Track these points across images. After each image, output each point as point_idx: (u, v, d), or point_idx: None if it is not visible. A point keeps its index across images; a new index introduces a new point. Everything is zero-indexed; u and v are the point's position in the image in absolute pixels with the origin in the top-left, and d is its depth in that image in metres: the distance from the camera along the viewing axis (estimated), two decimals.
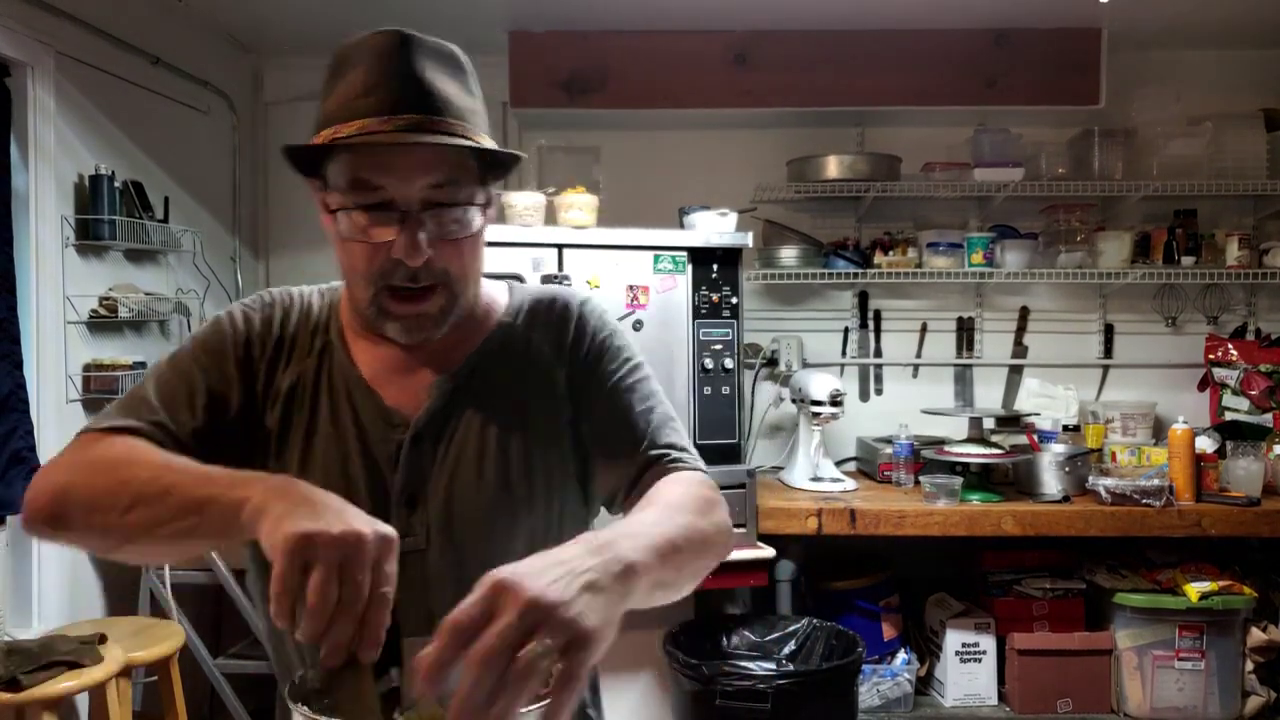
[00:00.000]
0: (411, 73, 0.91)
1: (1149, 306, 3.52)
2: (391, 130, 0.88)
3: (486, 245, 1.01)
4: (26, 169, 2.46)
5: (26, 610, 2.48)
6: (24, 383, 2.42)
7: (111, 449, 0.89)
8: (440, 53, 0.94)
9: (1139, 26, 3.21)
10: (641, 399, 1.02)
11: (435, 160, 0.90)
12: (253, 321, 1.02)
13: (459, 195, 0.92)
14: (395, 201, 0.90)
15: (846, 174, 3.27)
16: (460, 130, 0.91)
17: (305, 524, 0.72)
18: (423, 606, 0.93)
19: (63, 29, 2.55)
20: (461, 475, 0.97)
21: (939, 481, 2.95)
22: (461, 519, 0.96)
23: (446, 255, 0.93)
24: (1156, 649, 2.94)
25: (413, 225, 0.90)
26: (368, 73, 0.91)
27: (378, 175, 0.90)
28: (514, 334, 1.04)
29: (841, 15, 3.12)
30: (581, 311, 1.06)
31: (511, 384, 1.01)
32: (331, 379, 1.01)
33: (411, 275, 0.92)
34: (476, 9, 3.06)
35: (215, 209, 3.36)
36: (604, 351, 1.04)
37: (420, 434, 0.98)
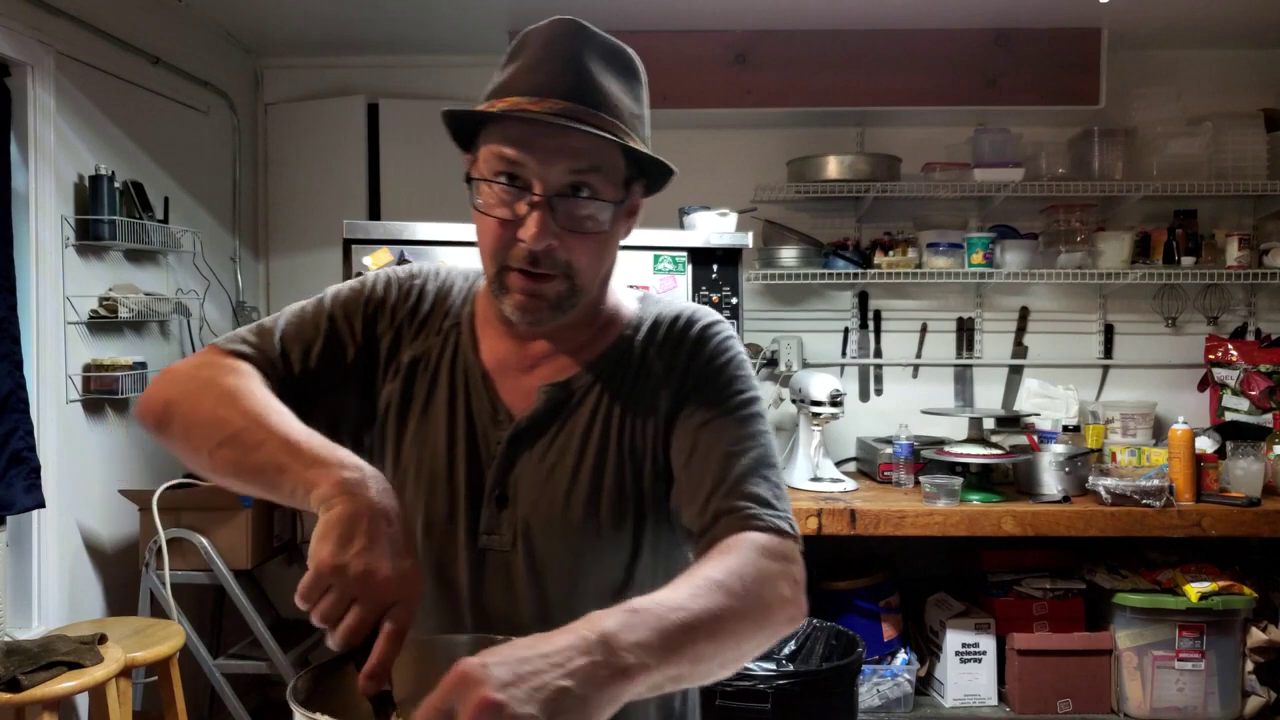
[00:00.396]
0: (574, 60, 0.90)
1: (1149, 307, 3.52)
2: (540, 111, 0.88)
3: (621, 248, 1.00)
4: (26, 169, 2.46)
5: (26, 610, 2.49)
6: (24, 383, 2.42)
7: (225, 378, 0.91)
8: (610, 50, 0.93)
9: (1139, 26, 3.21)
10: (736, 438, 0.94)
11: (578, 148, 0.89)
12: (390, 290, 1.04)
13: (596, 189, 0.91)
14: (531, 182, 0.90)
15: (846, 174, 3.27)
16: (610, 126, 0.90)
17: (337, 552, 0.75)
18: (504, 605, 0.95)
19: (63, 29, 2.55)
20: (552, 483, 0.96)
21: (939, 482, 2.95)
22: (545, 526, 0.95)
23: (572, 247, 0.91)
24: (1156, 649, 2.94)
25: (542, 208, 0.89)
26: (534, 54, 0.92)
27: (520, 152, 0.89)
28: (632, 347, 1.01)
29: (842, 15, 3.12)
30: (702, 333, 1.01)
31: (619, 399, 0.98)
32: (454, 363, 1.01)
33: (532, 259, 0.90)
34: (476, 9, 3.06)
35: (215, 209, 3.36)
36: (712, 378, 0.98)
37: (520, 435, 0.97)
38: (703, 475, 0.92)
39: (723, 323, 1.03)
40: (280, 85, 3.62)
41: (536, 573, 0.95)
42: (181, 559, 2.75)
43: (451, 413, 0.99)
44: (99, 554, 2.74)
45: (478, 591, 0.96)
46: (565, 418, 0.98)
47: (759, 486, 0.91)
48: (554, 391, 0.98)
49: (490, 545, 0.96)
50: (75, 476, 2.63)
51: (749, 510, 0.89)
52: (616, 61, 0.93)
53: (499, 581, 0.96)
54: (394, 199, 3.51)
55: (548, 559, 0.95)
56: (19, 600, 2.48)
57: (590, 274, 0.95)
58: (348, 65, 3.56)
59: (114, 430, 2.81)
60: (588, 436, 0.97)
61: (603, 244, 0.95)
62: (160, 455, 3.02)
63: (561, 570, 0.95)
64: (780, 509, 0.91)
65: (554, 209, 0.90)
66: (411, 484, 0.99)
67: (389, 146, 3.52)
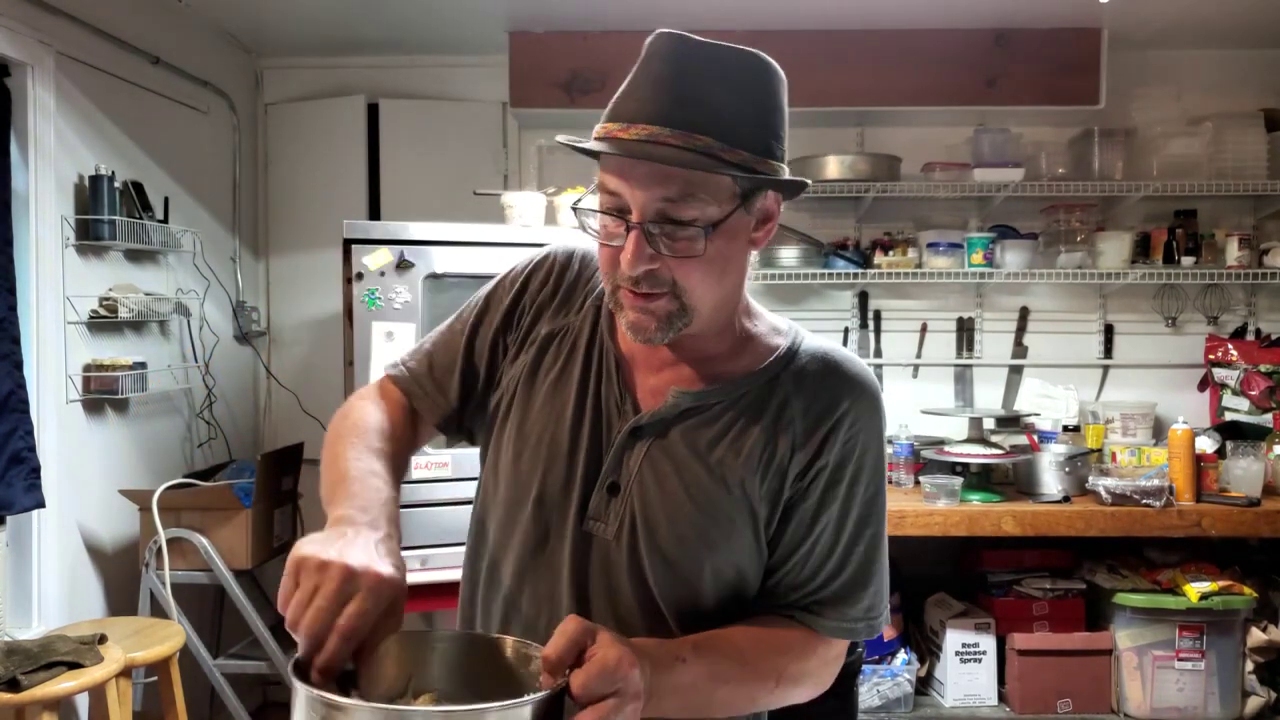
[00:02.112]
0: (664, 80, 0.88)
1: (1149, 307, 3.52)
2: (627, 139, 0.87)
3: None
4: (27, 169, 2.46)
5: (26, 610, 2.49)
6: (24, 383, 2.42)
7: (355, 418, 1.05)
8: (715, 58, 0.90)
9: (1139, 26, 3.21)
10: (845, 546, 0.97)
11: (668, 174, 0.87)
12: (538, 271, 1.09)
13: (689, 213, 0.88)
14: (629, 208, 0.90)
15: (846, 174, 3.27)
16: (705, 146, 0.86)
17: (308, 548, 0.81)
18: (602, 593, 0.97)
19: (63, 29, 2.55)
20: (662, 490, 0.96)
21: (939, 481, 2.95)
22: (648, 527, 0.96)
23: (676, 268, 0.90)
24: (1156, 649, 2.95)
25: (636, 235, 0.89)
26: (633, 77, 0.91)
27: (615, 181, 0.90)
28: (776, 385, 0.98)
29: (841, 15, 3.12)
30: (855, 406, 0.98)
31: (748, 435, 0.96)
32: (591, 342, 1.03)
33: (634, 280, 0.91)
34: (477, 10, 3.06)
35: (215, 209, 3.36)
36: (847, 472, 0.97)
37: (640, 430, 0.98)
38: (806, 570, 0.97)
39: (877, 397, 1.00)
40: (280, 85, 3.63)
41: (636, 569, 0.96)
42: (181, 559, 2.75)
43: (583, 390, 1.01)
44: (99, 554, 2.74)
45: (578, 574, 0.98)
46: (689, 429, 0.97)
47: (853, 603, 0.98)
48: (684, 399, 0.97)
49: (595, 531, 0.98)
50: (75, 476, 2.63)
51: (832, 626, 0.98)
52: (721, 71, 0.89)
53: (599, 569, 0.97)
54: (394, 199, 3.51)
55: (647, 559, 0.96)
56: (19, 600, 2.48)
57: (701, 293, 0.92)
58: (348, 65, 3.56)
59: (114, 430, 2.82)
60: (705, 455, 0.96)
61: (712, 264, 0.91)
62: (160, 455, 3.02)
63: (654, 572, 0.96)
64: (856, 627, 0.98)
65: (651, 234, 0.89)
66: (530, 452, 1.01)
67: (389, 146, 3.52)
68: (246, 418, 3.57)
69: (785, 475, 0.96)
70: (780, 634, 0.96)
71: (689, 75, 0.88)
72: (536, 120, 3.39)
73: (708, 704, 0.90)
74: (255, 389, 3.63)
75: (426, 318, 2.69)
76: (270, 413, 3.63)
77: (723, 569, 0.97)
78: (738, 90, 0.89)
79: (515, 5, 3.06)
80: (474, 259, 2.67)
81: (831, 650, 0.99)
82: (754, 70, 0.91)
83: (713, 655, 0.91)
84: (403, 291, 2.68)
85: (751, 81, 0.91)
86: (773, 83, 0.93)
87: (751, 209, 0.93)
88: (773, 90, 0.93)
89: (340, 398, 2.90)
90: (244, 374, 3.56)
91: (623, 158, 0.88)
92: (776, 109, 0.93)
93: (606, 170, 0.91)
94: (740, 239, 0.94)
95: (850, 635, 0.98)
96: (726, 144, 0.87)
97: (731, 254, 0.94)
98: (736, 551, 0.97)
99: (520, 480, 1.01)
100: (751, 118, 0.90)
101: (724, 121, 0.87)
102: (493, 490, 1.05)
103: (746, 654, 0.93)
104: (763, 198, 0.94)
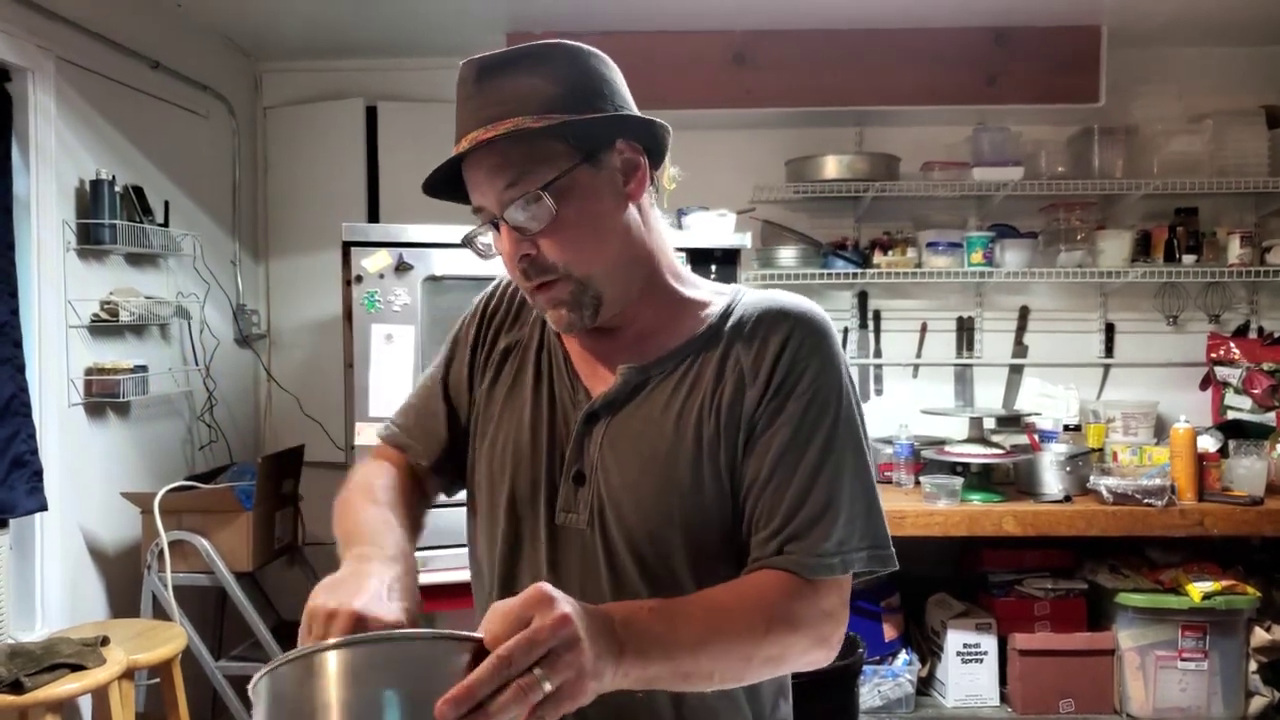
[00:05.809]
0: (470, 98, 0.94)
1: (1150, 305, 3.51)
2: (454, 155, 0.93)
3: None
4: (28, 173, 2.47)
5: (30, 612, 2.50)
6: (26, 386, 2.43)
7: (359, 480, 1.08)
8: (510, 59, 0.94)
9: (1139, 24, 3.20)
10: (805, 476, 0.93)
11: (498, 162, 0.92)
12: (492, 298, 1.14)
13: (532, 188, 0.92)
14: (493, 214, 0.95)
15: (845, 174, 3.27)
16: (514, 125, 0.90)
17: (318, 596, 0.83)
18: (581, 584, 0.97)
19: (63, 34, 2.56)
20: (625, 467, 0.97)
21: (939, 482, 2.95)
22: (616, 508, 0.96)
23: (548, 246, 0.94)
24: (1159, 649, 2.94)
25: (504, 229, 0.94)
26: (456, 110, 0.96)
27: (475, 196, 0.96)
28: (717, 340, 0.99)
29: (840, 14, 3.12)
30: (793, 334, 0.97)
31: (698, 390, 0.97)
32: (540, 347, 1.07)
33: (526, 273, 0.95)
34: (474, 12, 3.07)
35: (215, 213, 3.37)
36: (795, 391, 0.95)
37: (594, 414, 0.99)
38: (770, 511, 0.93)
39: (823, 323, 1.00)
40: (279, 88, 3.63)
41: (610, 553, 0.96)
42: (183, 561, 2.75)
43: (536, 393, 1.04)
44: (101, 556, 2.75)
45: (557, 569, 0.98)
46: (642, 402, 0.98)
47: (814, 539, 0.91)
48: (631, 374, 0.99)
49: (568, 524, 0.99)
50: (77, 479, 2.64)
51: (803, 561, 0.91)
52: (519, 64, 0.93)
53: (576, 559, 0.98)
54: (392, 201, 3.51)
55: (621, 540, 0.96)
56: (22, 602, 2.49)
57: (585, 259, 0.94)
58: (346, 68, 3.57)
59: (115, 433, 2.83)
60: (663, 423, 0.97)
61: (575, 228, 0.93)
62: (161, 458, 3.03)
63: (634, 552, 0.96)
64: (834, 556, 0.91)
65: (514, 223, 0.93)
66: (498, 460, 1.04)
67: (387, 149, 3.53)
68: (247, 420, 3.58)
69: (740, 415, 0.95)
70: (756, 578, 0.91)
71: (489, 81, 0.93)
72: None
73: (694, 659, 0.83)
74: (256, 392, 3.64)
75: (425, 320, 2.69)
76: (271, 415, 3.64)
77: (698, 534, 0.95)
78: (539, 72, 0.93)
79: (513, 7, 3.07)
80: (472, 261, 2.61)
81: (822, 596, 0.91)
82: (555, 52, 0.95)
83: (685, 606, 0.86)
84: (402, 294, 2.68)
85: (553, 61, 0.94)
86: (580, 55, 0.96)
87: (602, 164, 0.95)
88: (582, 61, 0.95)
89: (340, 400, 2.91)
90: (244, 377, 3.57)
91: (471, 175, 0.94)
92: (591, 75, 0.95)
93: (470, 193, 0.96)
94: (603, 195, 0.95)
95: (827, 571, 0.91)
96: (537, 114, 0.91)
97: (599, 212, 0.95)
98: (707, 514, 0.95)
99: (493, 488, 1.04)
100: (557, 89, 0.92)
101: (529, 99, 0.91)
102: (472, 504, 1.09)
103: (725, 602, 0.88)
104: (614, 151, 0.95)
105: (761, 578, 0.92)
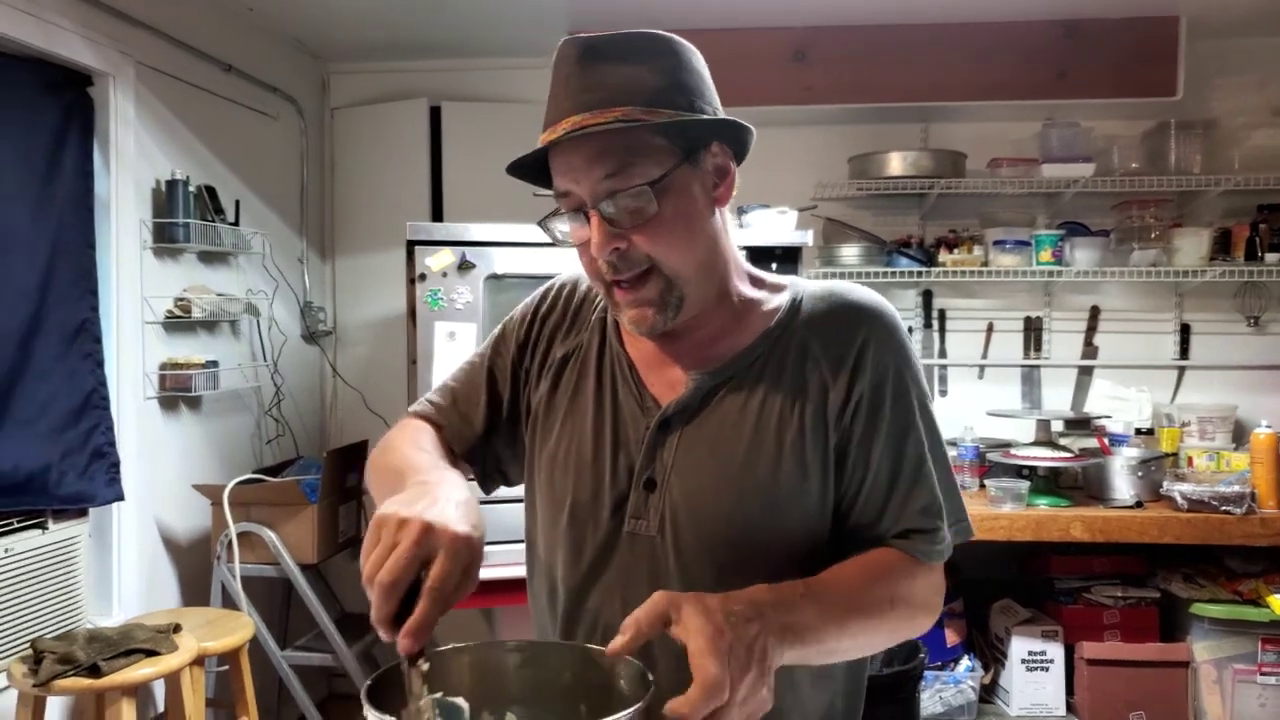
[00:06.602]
0: (573, 78, 0.92)
1: (1229, 305, 3.38)
2: (554, 140, 0.91)
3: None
4: (108, 175, 2.55)
5: (107, 598, 2.58)
6: (105, 381, 2.51)
7: (396, 439, 1.06)
8: (616, 44, 0.92)
9: (1220, 14, 3.08)
10: (910, 471, 0.96)
11: (600, 151, 0.90)
12: (545, 300, 1.12)
13: (633, 181, 0.90)
14: (583, 201, 0.92)
15: (910, 171, 3.21)
16: (624, 115, 0.89)
17: (389, 506, 0.81)
18: (648, 590, 0.94)
19: (142, 40, 2.64)
20: (699, 472, 0.96)
21: (1005, 485, 2.89)
22: (690, 514, 0.96)
23: (643, 240, 0.92)
24: (1237, 662, 2.83)
25: (595, 219, 0.91)
26: (550, 86, 0.95)
27: (564, 181, 0.93)
28: (788, 336, 0.99)
29: (904, 9, 3.07)
30: (873, 332, 0.97)
31: (777, 392, 0.96)
32: (601, 354, 1.05)
33: (614, 267, 0.93)
34: (535, 11, 3.09)
35: (283, 212, 3.45)
36: (886, 395, 0.96)
37: (668, 421, 0.98)
38: (881, 507, 0.96)
39: (890, 313, 1.00)
40: (346, 89, 3.70)
41: (682, 560, 0.95)
42: (251, 552, 2.83)
43: (599, 402, 1.02)
44: (174, 546, 2.84)
45: (626, 574, 0.98)
46: (715, 407, 0.97)
47: (918, 520, 0.96)
48: (703, 380, 0.98)
49: (638, 530, 0.98)
50: (152, 471, 2.72)
51: (922, 549, 0.96)
52: (625, 51, 0.92)
53: (645, 567, 0.97)
54: (456, 200, 3.56)
55: (694, 547, 0.95)
56: (100, 589, 2.58)
57: (677, 256, 0.93)
58: (411, 69, 3.62)
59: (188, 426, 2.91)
60: (738, 427, 0.96)
61: (670, 224, 0.92)
62: (230, 451, 3.11)
63: (707, 559, 0.95)
64: (939, 536, 0.97)
65: (607, 215, 0.91)
66: (560, 471, 1.02)
67: (451, 149, 3.57)
68: (313, 415, 3.66)
69: (826, 418, 0.96)
70: (881, 559, 0.95)
71: (594, 64, 0.91)
72: None
73: (837, 639, 0.88)
74: (321, 387, 3.72)
75: (487, 318, 2.72)
76: (336, 410, 3.72)
77: (785, 538, 0.95)
78: (643, 63, 0.92)
79: (574, 6, 3.08)
80: (533, 260, 2.69)
81: (937, 574, 0.98)
82: (656, 44, 0.94)
83: (827, 589, 0.89)
84: (464, 292, 2.71)
85: (655, 53, 0.93)
86: (678, 49, 0.95)
87: (699, 164, 0.94)
88: (680, 56, 0.95)
89: (404, 396, 2.96)
90: (311, 372, 3.65)
91: (566, 158, 0.91)
92: (689, 72, 0.95)
93: (556, 176, 0.94)
94: (696, 196, 0.94)
95: (940, 556, 0.98)
96: (644, 107, 0.90)
97: (693, 212, 0.94)
98: (793, 516, 0.95)
99: (555, 498, 1.03)
100: (663, 82, 0.92)
101: (636, 90, 0.90)
102: (533, 513, 1.08)
103: (856, 581, 0.92)
104: (709, 153, 0.95)
105: (884, 557, 0.96)
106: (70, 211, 2.44)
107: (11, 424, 2.26)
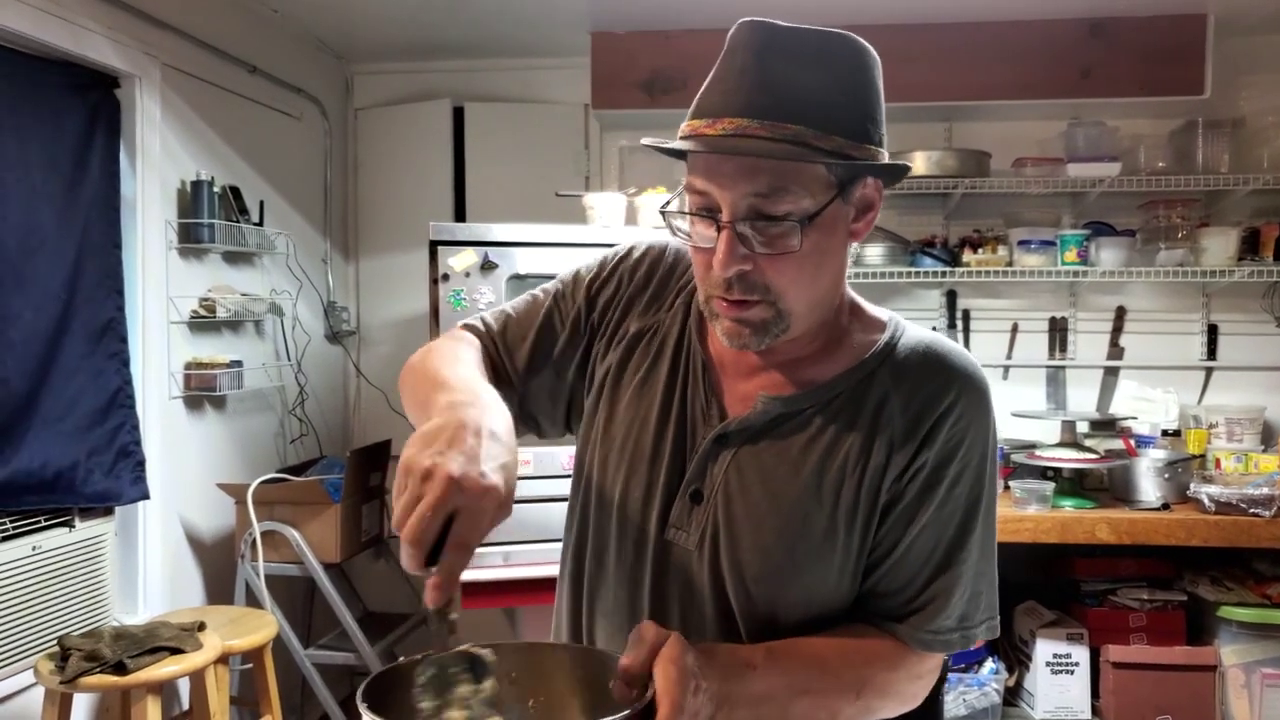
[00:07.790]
0: (749, 70, 0.83)
1: (1258, 306, 3.34)
2: (713, 135, 0.83)
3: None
4: (134, 175, 2.57)
5: (133, 596, 2.61)
6: (130, 380, 2.53)
7: (441, 345, 1.01)
8: (802, 43, 0.84)
9: (1247, 11, 3.04)
10: (942, 553, 0.90)
11: (757, 168, 0.82)
12: (627, 261, 1.05)
13: (782, 207, 0.82)
14: (717, 208, 0.85)
15: (934, 170, 3.19)
16: (795, 134, 0.81)
17: (413, 449, 0.76)
18: (684, 604, 0.94)
19: (168, 41, 2.66)
20: (747, 497, 0.91)
21: (1030, 486, 2.86)
22: (731, 537, 0.91)
23: (769, 269, 0.85)
24: (1266, 666, 2.79)
25: (728, 235, 0.83)
26: (716, 70, 0.86)
27: (702, 180, 0.85)
28: (872, 382, 0.92)
29: (928, 8, 3.05)
30: (957, 400, 0.90)
31: (845, 440, 0.90)
32: (680, 343, 0.99)
33: (726, 285, 0.86)
34: (559, 10, 3.09)
35: (307, 212, 3.47)
36: (947, 474, 0.89)
37: (726, 438, 0.93)
38: (897, 578, 0.91)
39: (977, 384, 0.92)
40: (369, 90, 3.72)
41: (718, 582, 0.92)
42: (274, 551, 2.84)
43: (669, 394, 0.97)
44: (198, 544, 2.86)
45: (660, 582, 0.94)
46: (778, 436, 0.91)
47: (942, 613, 0.91)
48: (773, 405, 0.91)
49: (676, 540, 0.94)
50: (176, 470, 2.74)
51: (919, 636, 0.91)
52: (808, 54, 0.83)
53: (679, 578, 0.93)
54: (478, 200, 3.57)
55: (729, 571, 0.91)
56: (126, 587, 2.60)
57: (796, 293, 0.86)
58: (434, 70, 3.64)
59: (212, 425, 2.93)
60: (797, 465, 0.90)
61: (807, 262, 0.85)
62: (254, 450, 3.13)
63: (741, 587, 0.91)
64: (950, 638, 0.91)
65: (742, 233, 0.84)
66: (615, 455, 0.98)
67: (473, 149, 3.58)
68: (336, 415, 3.68)
69: (883, 479, 0.89)
70: (866, 643, 0.90)
71: (774, 62, 0.82)
72: (618, 121, 3.41)
73: (783, 715, 0.84)
74: (345, 387, 3.74)
75: None
76: (359, 410, 3.74)
77: (812, 587, 0.91)
78: (827, 73, 0.83)
79: (596, 6, 3.08)
80: (556, 260, 2.69)
81: (924, 664, 0.93)
82: (844, 51, 0.86)
83: (789, 662, 0.85)
84: (487, 292, 2.72)
85: (841, 63, 0.85)
86: (865, 63, 0.87)
87: (850, 198, 0.87)
88: (866, 71, 0.87)
89: None
90: (334, 372, 3.67)
91: (709, 155, 0.83)
92: (871, 90, 0.87)
93: (693, 169, 0.86)
94: (838, 231, 0.88)
95: (944, 648, 0.91)
96: (818, 130, 0.81)
97: (829, 248, 0.87)
98: (827, 570, 0.90)
99: (605, 485, 0.98)
100: (844, 101, 0.84)
101: (814, 107, 0.82)
102: (579, 491, 1.03)
103: (829, 662, 0.87)
104: (861, 185, 0.88)
105: (870, 642, 0.91)
106: (97, 212, 2.46)
107: (39, 423, 2.28)
